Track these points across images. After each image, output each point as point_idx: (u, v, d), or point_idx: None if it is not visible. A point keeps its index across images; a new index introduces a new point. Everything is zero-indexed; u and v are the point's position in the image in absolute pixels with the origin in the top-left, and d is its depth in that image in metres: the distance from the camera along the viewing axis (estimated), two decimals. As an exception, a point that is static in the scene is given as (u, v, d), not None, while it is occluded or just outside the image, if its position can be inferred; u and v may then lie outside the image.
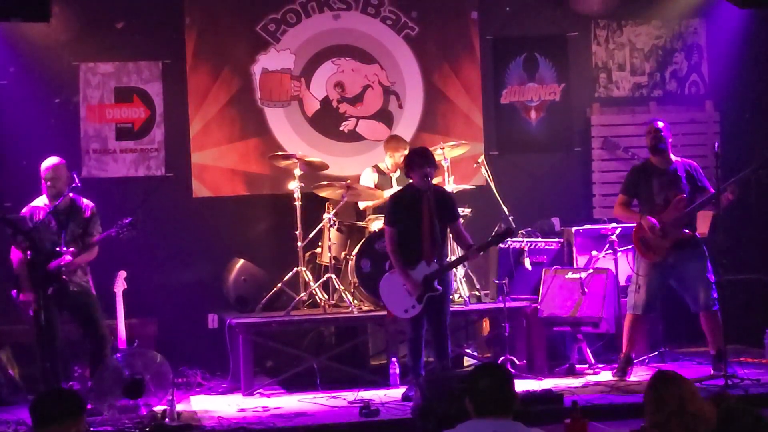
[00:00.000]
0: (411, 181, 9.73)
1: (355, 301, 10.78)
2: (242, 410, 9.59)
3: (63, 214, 9.62)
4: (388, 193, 10.94)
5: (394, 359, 10.51)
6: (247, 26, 12.16)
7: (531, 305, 10.92)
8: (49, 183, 9.58)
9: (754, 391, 9.29)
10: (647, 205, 10.15)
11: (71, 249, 9.48)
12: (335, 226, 11.00)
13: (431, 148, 10.04)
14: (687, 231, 10.02)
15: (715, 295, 9.95)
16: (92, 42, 11.84)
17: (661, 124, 10.21)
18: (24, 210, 9.68)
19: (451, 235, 9.85)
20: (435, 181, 9.90)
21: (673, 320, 11.21)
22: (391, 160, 11.38)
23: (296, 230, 11.01)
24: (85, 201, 9.77)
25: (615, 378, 10.15)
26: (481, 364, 6.14)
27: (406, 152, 11.01)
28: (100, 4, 11.87)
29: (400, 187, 10.37)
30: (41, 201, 9.66)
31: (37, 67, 11.65)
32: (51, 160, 9.64)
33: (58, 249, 9.44)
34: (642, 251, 10.14)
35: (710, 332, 10.02)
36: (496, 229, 10.85)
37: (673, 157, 10.17)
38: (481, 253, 9.76)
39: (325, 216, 10.98)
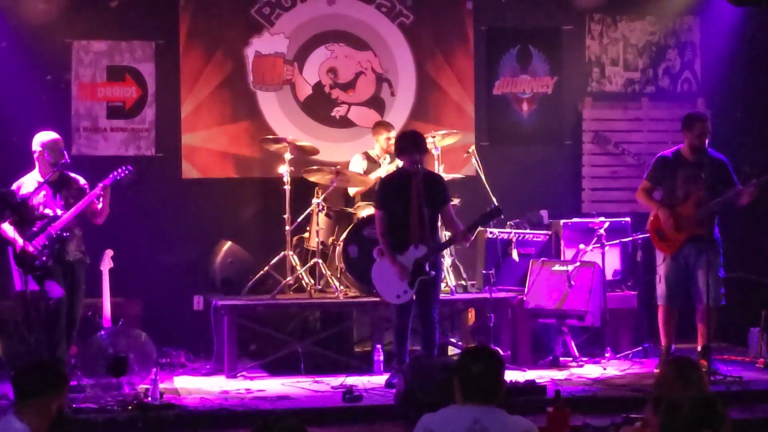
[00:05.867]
0: (401, 164, 9.74)
1: (342, 287, 10.79)
2: (225, 392, 9.60)
3: (55, 185, 9.57)
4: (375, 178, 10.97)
5: (378, 346, 10.52)
6: (242, 9, 12.13)
7: (517, 296, 10.93)
8: (48, 155, 9.49)
9: (737, 389, 9.35)
10: (669, 195, 10.17)
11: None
12: (324, 212, 11.00)
13: (422, 135, 10.05)
14: (702, 227, 9.97)
15: (723, 291, 9.97)
16: (86, 20, 11.80)
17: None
18: (13, 186, 9.63)
19: (442, 221, 9.83)
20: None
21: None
22: (377, 145, 11.40)
23: (284, 214, 11.00)
24: (73, 174, 9.72)
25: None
26: (476, 347, 6.14)
27: (392, 135, 11.06)
28: (95, -18, 11.86)
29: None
30: (32, 177, 9.60)
31: (29, 43, 11.58)
32: (52, 134, 9.58)
33: (53, 216, 9.42)
34: (657, 242, 10.18)
35: (706, 327, 9.99)
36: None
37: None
38: (471, 236, 9.74)
39: (314, 201, 10.98)
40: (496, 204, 10.30)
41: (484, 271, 10.94)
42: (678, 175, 10.10)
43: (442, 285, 10.40)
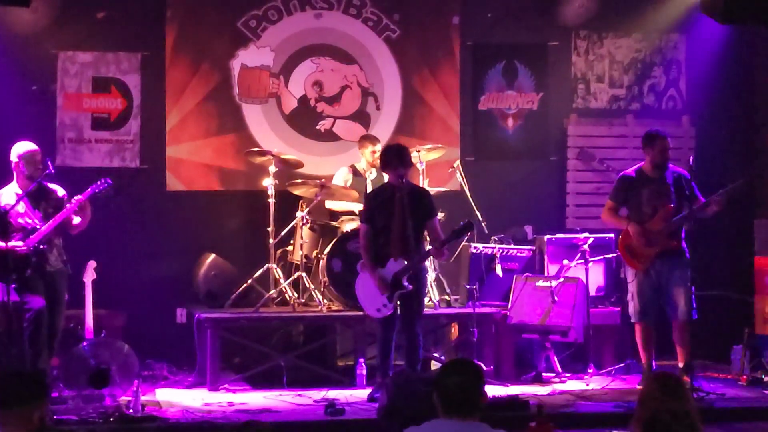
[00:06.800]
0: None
1: (325, 301, 10.77)
2: (207, 404, 9.58)
3: (33, 196, 9.55)
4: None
5: (361, 360, 10.50)
6: (229, 21, 12.13)
7: (500, 312, 10.93)
8: (26, 167, 9.47)
9: (720, 406, 9.36)
10: (635, 213, 10.19)
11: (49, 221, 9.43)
12: (308, 225, 10.99)
13: (407, 150, 10.05)
14: (673, 241, 10.04)
15: (695, 305, 9.98)
16: (72, 30, 11.79)
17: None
18: None
19: (427, 235, 9.82)
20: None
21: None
22: (363, 159, 11.40)
23: (268, 227, 10.99)
24: (52, 185, 9.71)
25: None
26: (454, 359, 6.12)
27: (377, 148, 11.07)
28: (82, -7, 11.85)
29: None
30: (11, 189, 9.58)
31: (15, 53, 11.55)
32: (30, 145, 9.57)
33: (32, 227, 9.39)
34: (627, 259, 10.19)
35: (684, 343, 10.00)
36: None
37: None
38: (446, 251, 9.72)
39: (298, 214, 10.97)
40: (469, 219, 10.14)
41: (467, 286, 10.93)
42: (643, 193, 10.15)
43: (426, 300, 10.40)
